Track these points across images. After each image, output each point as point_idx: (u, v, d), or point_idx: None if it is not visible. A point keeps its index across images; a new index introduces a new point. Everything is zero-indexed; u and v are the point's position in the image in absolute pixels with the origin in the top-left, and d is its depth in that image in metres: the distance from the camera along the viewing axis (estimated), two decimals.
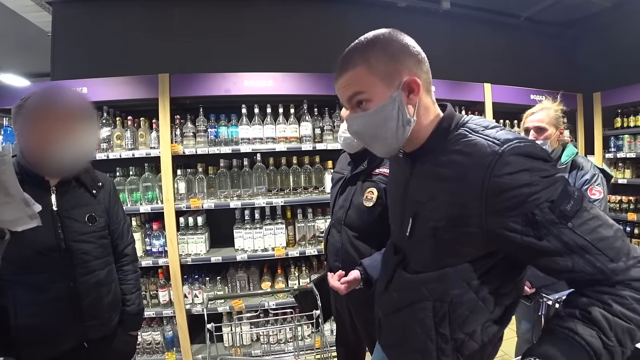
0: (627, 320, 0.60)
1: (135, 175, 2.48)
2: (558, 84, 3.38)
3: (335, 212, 1.62)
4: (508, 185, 0.66)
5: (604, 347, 0.59)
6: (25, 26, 3.48)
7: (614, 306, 0.60)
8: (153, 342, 2.51)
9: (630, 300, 0.60)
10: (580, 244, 0.63)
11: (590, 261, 0.63)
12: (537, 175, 0.66)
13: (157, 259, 2.42)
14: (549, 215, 0.64)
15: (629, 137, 3.13)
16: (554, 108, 1.82)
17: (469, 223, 0.71)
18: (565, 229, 0.64)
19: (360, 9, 3.28)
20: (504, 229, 0.68)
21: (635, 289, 0.61)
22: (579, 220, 0.64)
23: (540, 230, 0.65)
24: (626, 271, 0.62)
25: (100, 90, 2.36)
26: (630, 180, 3.14)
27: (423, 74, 0.78)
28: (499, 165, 0.66)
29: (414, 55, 0.77)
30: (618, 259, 0.63)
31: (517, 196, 0.65)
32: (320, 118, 2.65)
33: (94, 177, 1.40)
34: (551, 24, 3.81)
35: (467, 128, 0.76)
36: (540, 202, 0.64)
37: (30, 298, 1.18)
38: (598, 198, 1.67)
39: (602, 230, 0.64)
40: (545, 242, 0.65)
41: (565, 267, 0.65)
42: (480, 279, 0.76)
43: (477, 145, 0.71)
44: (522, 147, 0.68)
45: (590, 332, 0.60)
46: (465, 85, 2.95)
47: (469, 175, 0.70)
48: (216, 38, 3.08)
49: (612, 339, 0.59)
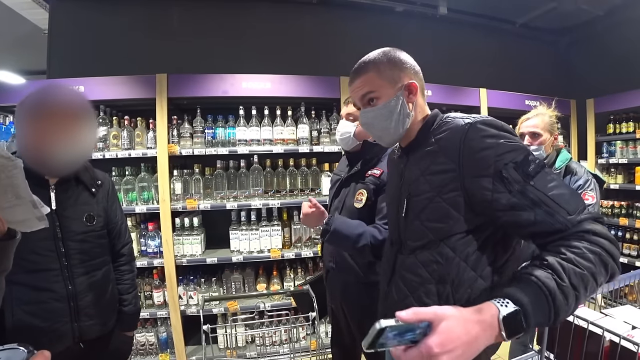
0: (580, 266, 0.66)
1: (131, 175, 2.46)
2: (552, 90, 3.44)
3: (331, 213, 1.63)
4: (477, 147, 0.80)
5: (558, 288, 0.64)
6: (21, 23, 3.45)
7: (568, 254, 0.67)
8: (147, 344, 2.49)
9: (582, 249, 0.67)
10: (542, 198, 0.73)
11: (550, 213, 0.72)
12: (502, 140, 0.79)
13: (152, 259, 2.41)
14: (514, 174, 0.75)
15: (621, 143, 3.18)
16: (548, 114, 1.84)
17: (452, 188, 0.83)
18: (529, 186, 0.74)
19: (358, 13, 3.30)
20: (478, 188, 0.79)
21: (588, 240, 0.69)
22: (540, 180, 0.75)
23: (507, 186, 0.75)
24: (581, 223, 0.71)
25: (97, 89, 2.35)
26: (622, 185, 3.18)
27: (418, 80, 0.96)
28: (470, 132, 0.81)
29: (411, 66, 0.97)
30: (574, 212, 0.72)
31: (486, 157, 0.78)
32: (318, 120, 2.66)
33: (94, 175, 1.39)
34: (546, 30, 3.87)
35: (448, 118, 0.92)
36: (506, 162, 0.76)
37: (27, 297, 1.18)
38: (591, 203, 1.70)
39: (560, 189, 0.75)
40: (512, 197, 0.75)
41: (529, 220, 0.73)
42: (475, 255, 0.84)
43: (454, 122, 0.87)
44: (489, 120, 0.84)
45: (545, 274, 0.65)
46: (462, 90, 2.98)
47: (449, 145, 0.85)
48: (215, 39, 3.09)
49: (565, 281, 0.64)
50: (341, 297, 1.58)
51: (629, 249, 3.01)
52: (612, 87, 3.26)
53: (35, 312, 1.19)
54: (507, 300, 0.62)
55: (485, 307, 0.61)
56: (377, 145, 1.53)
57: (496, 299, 0.62)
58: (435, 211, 0.86)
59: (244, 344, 2.55)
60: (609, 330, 0.94)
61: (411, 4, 3.31)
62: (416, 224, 0.90)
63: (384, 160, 1.50)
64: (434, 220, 0.86)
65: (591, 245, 0.68)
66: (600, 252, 0.68)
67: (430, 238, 0.87)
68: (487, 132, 0.80)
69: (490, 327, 0.59)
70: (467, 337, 0.57)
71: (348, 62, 3.18)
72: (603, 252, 0.68)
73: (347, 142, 1.58)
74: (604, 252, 0.68)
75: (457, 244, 0.84)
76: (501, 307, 0.61)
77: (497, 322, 0.59)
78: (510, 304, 0.61)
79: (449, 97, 2.91)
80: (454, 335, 0.56)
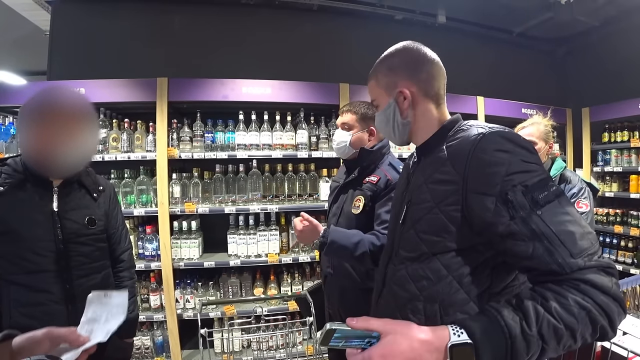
0: (558, 318, 0.59)
1: (130, 178, 2.47)
2: (549, 99, 3.48)
3: (329, 219, 1.66)
4: (487, 160, 0.72)
5: (522, 334, 0.58)
6: (23, 24, 3.47)
7: (550, 302, 0.60)
8: (142, 347, 2.48)
9: (571, 301, 0.60)
10: (545, 232, 0.64)
11: (549, 250, 0.63)
12: (516, 158, 0.70)
13: (150, 262, 2.41)
14: (520, 198, 0.67)
15: (616, 151, 3.21)
16: (544, 123, 1.88)
17: (453, 201, 0.76)
18: (534, 215, 0.66)
19: (358, 21, 3.34)
20: (480, 207, 0.71)
21: (582, 291, 0.60)
22: (550, 210, 0.66)
23: (509, 211, 0.67)
24: (583, 270, 0.62)
25: (98, 92, 2.36)
26: (617, 193, 3.22)
27: (420, 82, 0.90)
28: (482, 143, 0.73)
29: (409, 68, 0.91)
30: (579, 256, 0.62)
31: (494, 174, 0.70)
32: (317, 126, 2.68)
33: (96, 180, 1.41)
34: (543, 40, 3.92)
35: (466, 125, 0.86)
36: (515, 184, 0.68)
37: (25, 298, 1.18)
38: (585, 211, 1.73)
39: (571, 225, 0.65)
40: (512, 224, 0.67)
41: (525, 252, 0.66)
42: (470, 277, 0.77)
43: (469, 131, 0.81)
44: (505, 132, 0.75)
45: (513, 316, 0.60)
46: (459, 98, 3.02)
47: (457, 154, 0.78)
48: (216, 44, 3.12)
49: (532, 329, 0.58)
50: (339, 302, 1.59)
51: (623, 257, 3.04)
52: (607, 97, 3.31)
53: (33, 313, 1.18)
54: (462, 330, 0.59)
55: (438, 330, 0.60)
56: (374, 152, 1.55)
57: (453, 325, 0.61)
58: (432, 223, 0.80)
59: (240, 348, 2.55)
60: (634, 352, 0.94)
61: (410, 13, 3.35)
62: (411, 233, 0.85)
63: (380, 167, 1.53)
64: (430, 233, 0.81)
65: (584, 298, 0.60)
66: (591, 308, 0.59)
67: (423, 250, 0.81)
68: (502, 145, 0.72)
69: (437, 351, 0.58)
70: (410, 355, 0.57)
71: (347, 69, 3.23)
72: (595, 309, 0.60)
73: (343, 151, 1.61)
74: (598, 309, 0.60)
75: (451, 261, 0.78)
76: (453, 334, 0.59)
77: (445, 349, 0.58)
78: (463, 335, 0.59)
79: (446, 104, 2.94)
80: (397, 350, 0.57)
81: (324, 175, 2.62)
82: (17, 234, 1.17)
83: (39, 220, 1.21)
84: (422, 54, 0.92)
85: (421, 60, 0.91)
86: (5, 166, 1.23)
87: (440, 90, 0.93)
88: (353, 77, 2.58)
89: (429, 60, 0.92)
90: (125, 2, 2.99)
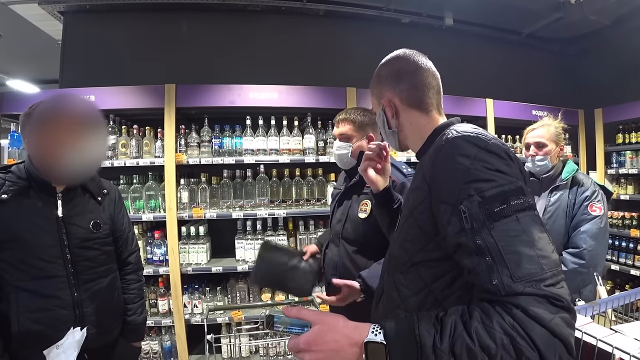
0: (475, 340, 0.55)
1: (138, 183, 2.49)
2: (560, 100, 3.42)
3: (334, 226, 1.64)
4: (447, 167, 0.69)
5: (432, 347, 0.57)
6: (36, 34, 3.56)
7: (473, 321, 0.57)
8: (151, 352, 2.49)
9: (495, 325, 0.55)
10: (491, 248, 0.60)
11: (490, 268, 0.60)
12: (478, 165, 0.66)
13: (158, 267, 2.42)
14: (474, 210, 0.63)
15: (631, 153, 3.13)
16: (554, 125, 1.84)
17: (422, 209, 0.76)
18: (484, 229, 0.62)
19: (365, 24, 3.34)
20: (439, 215, 0.70)
21: (513, 317, 0.55)
22: (504, 226, 0.61)
23: (460, 222, 0.64)
24: (519, 296, 0.56)
25: (108, 99, 2.40)
26: (633, 196, 3.13)
27: (402, 92, 0.90)
28: (445, 148, 0.72)
29: (392, 79, 0.92)
30: (519, 280, 0.57)
31: (452, 180, 0.67)
32: (324, 131, 2.67)
33: (100, 184, 1.42)
34: (553, 40, 3.86)
35: (450, 130, 0.80)
36: (472, 194, 0.64)
37: (32, 304, 1.19)
38: (599, 214, 1.68)
39: (522, 245, 0.60)
40: (461, 236, 0.64)
41: (469, 266, 0.63)
42: (447, 291, 0.73)
43: (445, 136, 0.77)
44: (472, 136, 0.70)
45: (430, 328, 0.59)
46: (468, 101, 2.98)
47: (427, 160, 0.78)
48: (223, 50, 3.14)
49: (443, 345, 0.56)
50: (343, 308, 1.57)
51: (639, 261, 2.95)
52: (620, 97, 3.22)
53: (40, 319, 1.19)
54: (381, 330, 0.62)
55: (361, 327, 0.63)
56: None
57: (375, 325, 0.63)
58: (408, 231, 0.80)
59: (247, 354, 2.54)
60: (618, 348, 0.92)
61: (417, 16, 3.34)
62: (397, 241, 0.86)
63: None
64: (407, 240, 0.81)
65: (511, 325, 0.55)
66: (516, 337, 0.54)
67: (404, 259, 0.81)
68: (464, 150, 0.68)
69: (356, 346, 0.62)
70: (334, 345, 0.62)
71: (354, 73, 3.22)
72: (522, 339, 0.54)
73: (344, 162, 1.60)
74: (526, 340, 0.54)
75: (427, 272, 0.76)
76: (372, 333, 0.61)
77: (361, 345, 0.61)
78: (380, 335, 0.61)
79: (454, 107, 2.90)
80: (321, 340, 0.62)
81: (332, 180, 2.61)
82: (23, 241, 1.18)
83: (44, 227, 1.22)
84: (408, 63, 0.91)
85: (403, 71, 0.90)
86: (10, 174, 1.23)
87: (427, 99, 0.89)
88: (360, 81, 2.56)
89: (413, 70, 0.90)
90: (134, 11, 3.04)
